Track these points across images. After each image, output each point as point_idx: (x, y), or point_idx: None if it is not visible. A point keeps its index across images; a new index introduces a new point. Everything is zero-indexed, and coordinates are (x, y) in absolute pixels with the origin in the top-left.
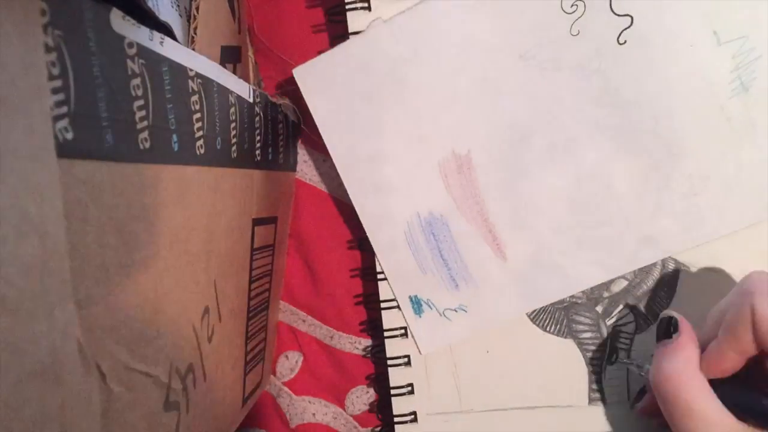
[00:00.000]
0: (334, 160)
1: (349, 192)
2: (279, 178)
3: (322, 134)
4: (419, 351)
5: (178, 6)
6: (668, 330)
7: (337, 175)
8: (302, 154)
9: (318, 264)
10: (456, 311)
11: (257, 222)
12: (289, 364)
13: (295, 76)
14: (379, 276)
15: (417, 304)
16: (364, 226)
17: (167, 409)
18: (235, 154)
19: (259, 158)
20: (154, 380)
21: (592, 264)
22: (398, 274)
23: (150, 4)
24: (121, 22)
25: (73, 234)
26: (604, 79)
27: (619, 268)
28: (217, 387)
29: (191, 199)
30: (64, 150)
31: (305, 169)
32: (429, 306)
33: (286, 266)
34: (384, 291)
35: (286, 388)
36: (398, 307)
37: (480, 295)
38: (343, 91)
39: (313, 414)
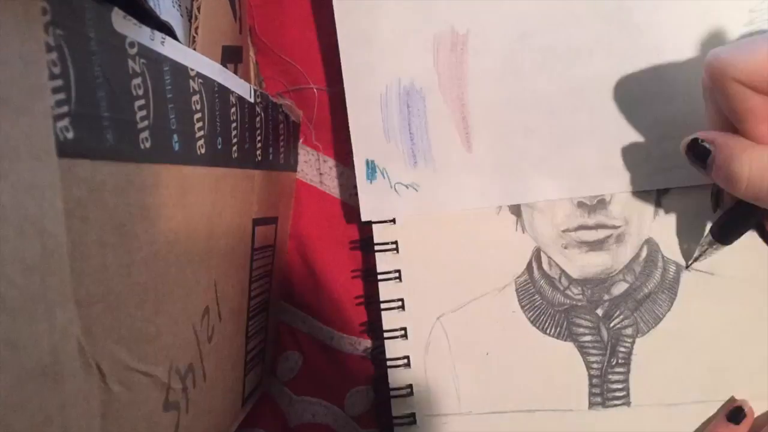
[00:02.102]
0: (335, 7)
1: (338, 34)
2: (280, 179)
3: None
4: (361, 217)
5: (180, 6)
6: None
7: (338, 175)
8: (303, 155)
9: (318, 264)
10: (407, 187)
11: (258, 222)
12: (289, 364)
13: None
14: (380, 277)
15: (372, 169)
16: (343, 76)
17: (167, 409)
18: (235, 154)
19: (259, 158)
20: (154, 380)
21: (552, 178)
22: (363, 134)
23: (151, 3)
24: (122, 22)
25: (74, 233)
26: None
27: (577, 189)
28: (217, 387)
29: (192, 199)
30: (65, 149)
31: (306, 169)
32: (382, 174)
33: (286, 266)
34: (384, 292)
35: (286, 389)
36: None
37: (434, 178)
38: None
39: (313, 415)
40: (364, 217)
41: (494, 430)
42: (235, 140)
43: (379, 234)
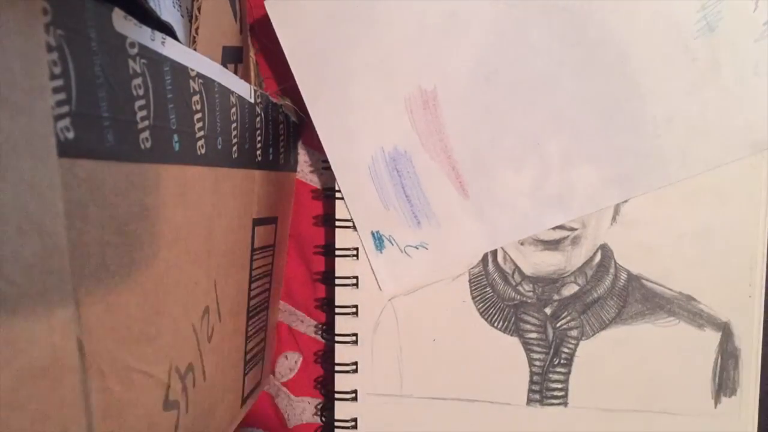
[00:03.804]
0: (303, 95)
1: (316, 127)
2: (280, 179)
3: (291, 67)
4: (380, 288)
5: (180, 6)
6: None
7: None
8: (302, 155)
9: (318, 264)
10: (417, 248)
11: (258, 222)
12: (289, 364)
13: (267, 7)
14: (337, 253)
15: (379, 240)
16: (330, 161)
17: (167, 409)
18: (236, 155)
19: (259, 158)
20: (154, 380)
21: (553, 204)
22: (362, 209)
23: (152, 4)
24: (122, 22)
25: (74, 233)
26: (570, 17)
27: (580, 208)
28: (216, 387)
29: (192, 199)
30: (66, 149)
31: (305, 169)
32: (390, 242)
33: (286, 266)
34: (340, 268)
35: (284, 389)
36: (356, 256)
37: (441, 233)
38: (313, 24)
39: (312, 415)
40: (383, 289)
41: (433, 415)
42: (235, 140)
43: (341, 212)
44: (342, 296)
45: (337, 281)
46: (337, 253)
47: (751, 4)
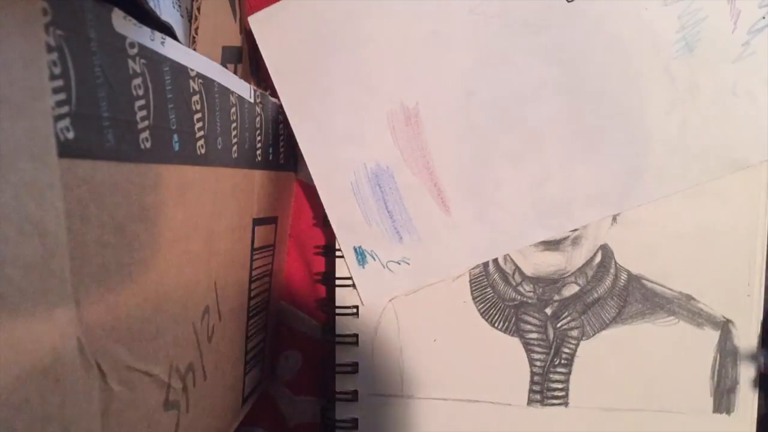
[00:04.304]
0: (286, 110)
1: (299, 142)
2: (279, 179)
3: (274, 83)
4: (361, 302)
5: (180, 6)
6: None
7: None
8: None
9: (318, 265)
10: (399, 264)
11: (258, 222)
12: (289, 364)
13: (250, 23)
14: (338, 254)
15: (361, 255)
16: (312, 176)
17: (167, 409)
18: (235, 154)
19: (259, 158)
20: (154, 379)
21: (534, 221)
22: (344, 224)
23: (151, 4)
24: (122, 22)
25: (74, 233)
26: (551, 36)
27: (561, 225)
28: (217, 386)
29: (192, 199)
30: (65, 149)
31: (305, 169)
32: (373, 257)
33: (286, 266)
34: (340, 269)
35: (285, 389)
36: (344, 257)
37: (423, 248)
38: (297, 41)
39: (313, 415)
40: (365, 303)
41: (433, 415)
42: (235, 140)
43: None
44: (342, 297)
45: (337, 282)
46: (338, 254)
47: (729, 25)
